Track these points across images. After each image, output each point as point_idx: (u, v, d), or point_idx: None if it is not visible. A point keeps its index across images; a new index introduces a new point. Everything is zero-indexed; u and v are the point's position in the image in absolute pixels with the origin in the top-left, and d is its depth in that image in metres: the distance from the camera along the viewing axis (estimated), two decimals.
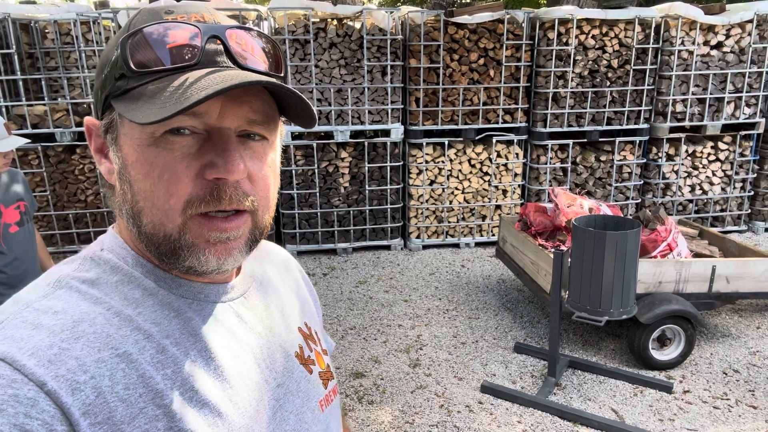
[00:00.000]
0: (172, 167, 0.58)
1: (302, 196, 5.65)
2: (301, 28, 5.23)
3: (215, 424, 0.59)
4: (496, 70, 5.61)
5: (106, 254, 0.64)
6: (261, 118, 0.62)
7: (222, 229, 0.60)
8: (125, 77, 0.59)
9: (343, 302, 4.62)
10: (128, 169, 0.60)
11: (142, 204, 0.59)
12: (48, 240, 5.56)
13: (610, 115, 5.85)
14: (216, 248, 0.61)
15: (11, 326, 0.54)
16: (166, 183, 0.58)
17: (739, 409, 3.16)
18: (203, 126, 0.59)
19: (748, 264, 3.65)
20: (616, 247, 2.93)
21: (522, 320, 4.27)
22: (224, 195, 0.59)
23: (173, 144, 0.58)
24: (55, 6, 5.81)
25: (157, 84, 0.57)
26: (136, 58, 0.58)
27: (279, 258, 0.87)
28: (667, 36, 5.72)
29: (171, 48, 0.58)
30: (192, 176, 0.58)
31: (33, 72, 5.56)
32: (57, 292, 0.59)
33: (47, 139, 5.37)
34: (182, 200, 0.58)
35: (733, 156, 6.15)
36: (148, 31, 0.58)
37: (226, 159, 0.58)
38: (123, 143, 0.60)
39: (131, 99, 0.58)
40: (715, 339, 3.94)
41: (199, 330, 0.63)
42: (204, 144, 0.59)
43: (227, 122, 0.59)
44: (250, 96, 0.61)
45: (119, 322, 0.58)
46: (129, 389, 0.55)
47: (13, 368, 0.51)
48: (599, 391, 3.34)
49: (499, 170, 5.91)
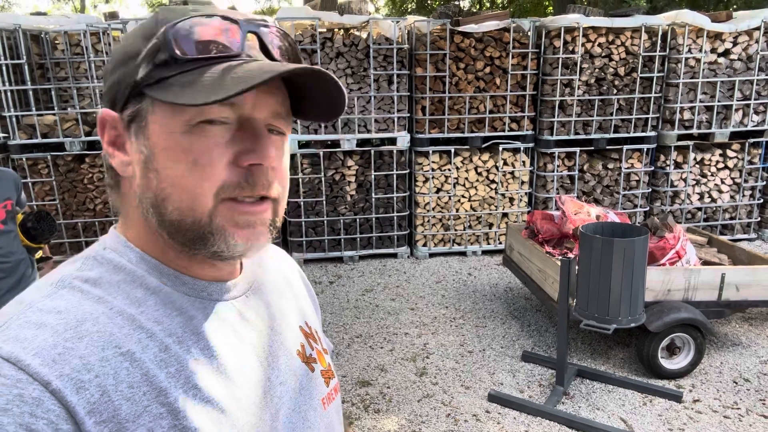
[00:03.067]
0: (207, 153, 0.59)
1: (309, 204, 5.66)
2: (309, 38, 5.26)
3: (219, 421, 0.60)
4: (502, 79, 5.62)
5: (109, 253, 0.65)
6: (284, 111, 0.65)
7: (251, 212, 0.62)
8: (165, 66, 0.59)
9: (350, 310, 4.61)
10: (156, 157, 0.60)
11: (170, 190, 0.60)
12: (57, 249, 5.60)
13: (617, 122, 5.84)
14: (244, 232, 0.62)
15: (15, 326, 0.55)
16: (200, 168, 0.59)
17: (750, 418, 3.12)
18: (236, 116, 0.61)
19: (758, 272, 3.61)
20: (624, 255, 2.91)
21: (529, 328, 4.25)
22: (259, 180, 0.62)
23: (208, 132, 0.60)
24: (66, 17, 5.88)
25: (194, 74, 0.59)
26: (181, 47, 0.59)
27: (279, 258, 0.88)
28: (674, 44, 5.72)
29: (210, 40, 0.60)
30: (225, 163, 0.60)
31: (43, 82, 5.62)
32: (60, 291, 0.59)
33: (57, 148, 5.43)
34: (216, 185, 0.60)
35: (741, 164, 6.11)
36: (189, 22, 0.60)
37: (262, 145, 0.61)
38: (152, 131, 0.61)
39: (169, 86, 0.59)
40: (725, 348, 3.89)
41: (202, 328, 0.64)
42: (236, 132, 0.61)
43: (258, 113, 0.62)
44: (277, 90, 0.63)
45: (122, 321, 0.58)
46: (133, 388, 0.55)
47: (18, 368, 0.51)
48: (608, 400, 3.31)
49: (506, 178, 5.90)
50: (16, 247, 2.58)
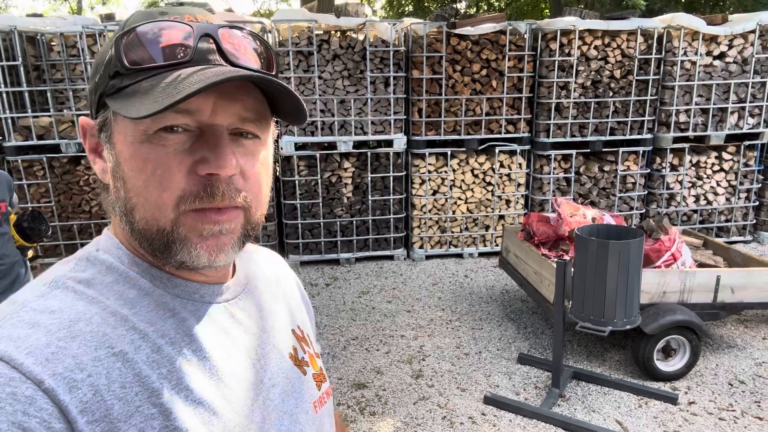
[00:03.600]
0: (164, 162, 0.59)
1: (305, 206, 5.66)
2: (305, 40, 5.26)
3: (210, 422, 0.60)
4: (498, 81, 5.63)
5: (102, 254, 0.65)
6: (253, 116, 0.63)
7: (215, 221, 0.61)
8: (119, 75, 0.60)
9: (346, 312, 4.61)
10: (122, 166, 0.61)
11: (135, 200, 0.60)
12: (52, 251, 5.58)
13: (613, 125, 5.85)
14: (208, 243, 0.61)
15: (8, 326, 0.55)
16: (158, 178, 0.59)
17: (745, 420, 3.13)
18: (196, 123, 0.60)
19: (753, 274, 3.62)
20: (620, 257, 2.92)
21: (525, 331, 4.25)
22: (217, 191, 0.60)
23: (166, 140, 0.59)
24: (62, 19, 5.87)
25: (150, 81, 0.58)
26: (129, 56, 0.59)
27: (271, 262, 0.88)
28: (670, 46, 5.74)
29: (164, 46, 0.59)
30: (184, 172, 0.59)
31: (39, 84, 5.60)
32: (53, 292, 0.60)
33: (52, 150, 5.41)
34: (175, 195, 0.59)
35: (737, 166, 6.13)
36: (141, 29, 0.59)
37: (218, 155, 0.59)
38: (116, 141, 0.61)
39: (125, 96, 0.59)
40: (720, 350, 3.90)
41: (194, 330, 0.64)
42: (197, 141, 0.60)
43: (219, 119, 0.60)
44: (243, 94, 0.62)
45: (115, 321, 0.59)
46: (125, 388, 0.55)
47: (11, 366, 0.51)
48: (604, 402, 3.31)
49: (502, 180, 5.91)
50: (10, 249, 2.58)
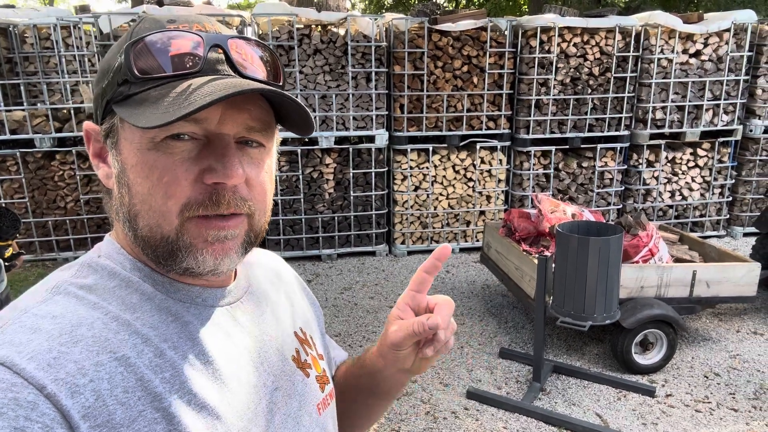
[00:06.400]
0: (171, 170, 0.59)
1: (286, 202, 5.63)
2: (286, 34, 5.22)
3: (213, 426, 0.60)
4: (479, 77, 5.66)
5: (103, 260, 0.65)
6: (259, 125, 0.63)
7: (220, 227, 0.61)
8: (128, 83, 0.60)
9: (328, 309, 4.60)
10: (127, 173, 0.61)
11: (139, 207, 0.60)
12: (27, 248, 5.46)
13: (592, 122, 5.92)
14: (213, 248, 0.62)
15: (10, 331, 0.55)
16: (164, 186, 0.59)
17: (721, 412, 3.21)
18: (203, 132, 0.60)
19: (727, 269, 3.71)
20: (599, 253, 2.96)
21: (507, 326, 4.29)
22: (223, 199, 0.60)
23: (173, 148, 0.59)
24: (35, 10, 5.74)
25: (160, 90, 0.58)
26: (139, 65, 0.59)
27: (272, 264, 0.88)
28: (647, 44, 5.82)
29: (174, 56, 0.60)
30: (191, 180, 0.59)
31: (11, 77, 5.47)
32: (55, 297, 0.59)
33: (26, 145, 5.29)
34: (180, 203, 0.59)
35: (711, 162, 6.26)
36: (151, 39, 0.60)
37: (225, 164, 0.59)
38: (123, 147, 0.61)
39: (133, 104, 0.59)
40: (696, 343, 3.99)
41: (197, 334, 0.64)
42: (203, 149, 0.60)
43: (227, 128, 0.61)
44: (249, 104, 0.62)
45: (117, 326, 0.58)
46: (128, 392, 0.55)
47: (13, 372, 0.51)
48: (583, 395, 3.36)
49: (483, 176, 5.95)
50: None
